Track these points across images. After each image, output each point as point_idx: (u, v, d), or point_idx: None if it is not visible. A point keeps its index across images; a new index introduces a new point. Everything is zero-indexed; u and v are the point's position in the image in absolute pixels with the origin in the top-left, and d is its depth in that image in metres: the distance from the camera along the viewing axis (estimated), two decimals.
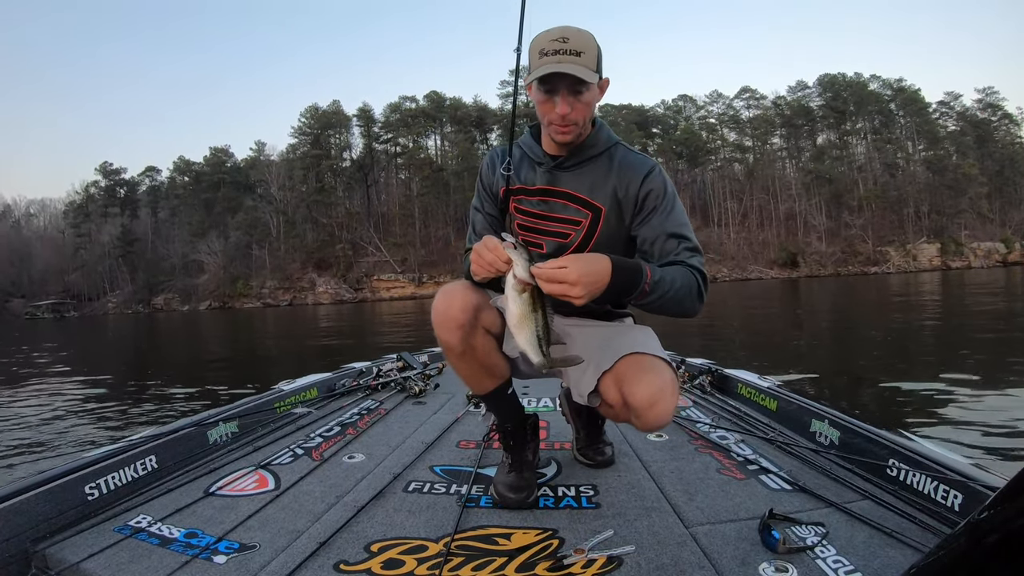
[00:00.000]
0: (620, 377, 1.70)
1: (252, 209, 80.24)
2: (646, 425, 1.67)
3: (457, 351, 1.81)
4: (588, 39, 1.65)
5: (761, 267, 73.65)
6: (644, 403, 1.62)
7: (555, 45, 1.62)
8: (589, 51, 1.64)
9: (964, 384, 5.80)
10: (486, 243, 1.58)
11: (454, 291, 1.80)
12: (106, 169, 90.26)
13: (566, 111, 1.67)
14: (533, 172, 1.87)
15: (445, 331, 1.79)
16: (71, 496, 1.84)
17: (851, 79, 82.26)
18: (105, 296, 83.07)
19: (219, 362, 12.68)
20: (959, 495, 1.67)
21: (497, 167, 1.94)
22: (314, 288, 74.31)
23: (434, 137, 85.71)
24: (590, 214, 1.82)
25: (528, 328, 1.57)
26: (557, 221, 1.86)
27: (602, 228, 1.82)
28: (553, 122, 1.71)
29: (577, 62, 1.61)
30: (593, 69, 1.64)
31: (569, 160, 1.82)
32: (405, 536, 1.72)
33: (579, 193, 1.82)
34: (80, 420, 6.08)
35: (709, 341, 10.96)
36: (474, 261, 1.60)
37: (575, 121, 1.71)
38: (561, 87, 1.65)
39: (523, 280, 1.52)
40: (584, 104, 1.69)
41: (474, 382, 1.92)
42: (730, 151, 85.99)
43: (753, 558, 1.52)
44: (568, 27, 1.65)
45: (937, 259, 71.08)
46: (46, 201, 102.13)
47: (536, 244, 1.90)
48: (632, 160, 1.82)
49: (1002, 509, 0.61)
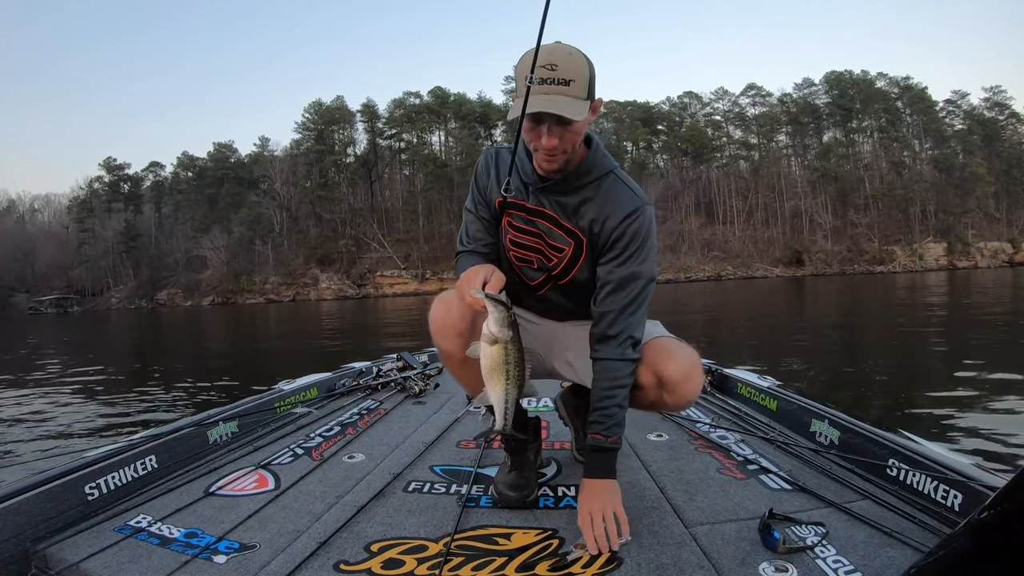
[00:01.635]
0: (649, 359, 1.76)
1: (255, 205, 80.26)
2: (678, 400, 1.77)
3: (458, 359, 1.81)
4: (579, 63, 1.57)
5: (766, 265, 73.42)
6: (680, 377, 1.73)
7: (543, 73, 1.53)
8: (580, 78, 1.56)
9: (965, 385, 5.79)
10: (468, 282, 1.58)
11: (451, 299, 1.79)
12: (110, 164, 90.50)
13: (553, 144, 1.60)
14: (524, 189, 1.82)
15: (444, 339, 1.80)
16: (71, 496, 1.84)
17: (858, 77, 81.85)
18: (108, 291, 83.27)
19: (221, 358, 12.72)
20: (959, 495, 1.67)
21: (491, 171, 1.89)
22: (317, 284, 74.38)
23: (438, 133, 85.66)
24: (572, 243, 1.79)
25: (498, 385, 1.59)
26: (544, 244, 1.84)
27: (584, 258, 1.80)
28: (539, 150, 1.65)
29: (566, 93, 1.54)
30: (584, 97, 1.58)
31: (560, 184, 1.76)
32: (405, 536, 1.72)
33: (563, 220, 1.78)
34: (80, 419, 6.09)
35: (711, 341, 10.95)
36: (457, 289, 1.64)
37: (563, 150, 1.64)
38: (548, 120, 1.57)
39: (490, 335, 1.53)
40: (573, 133, 1.62)
41: (476, 388, 1.86)
42: (736, 148, 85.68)
43: (753, 558, 1.52)
44: (558, 49, 1.57)
45: (944, 258, 70.80)
46: (50, 196, 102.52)
47: (527, 260, 1.89)
48: (620, 195, 1.76)
49: (1002, 509, 0.61)
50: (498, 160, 1.89)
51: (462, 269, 1.81)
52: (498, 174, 1.87)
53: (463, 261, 1.89)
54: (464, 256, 1.91)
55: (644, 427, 2.67)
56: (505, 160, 1.86)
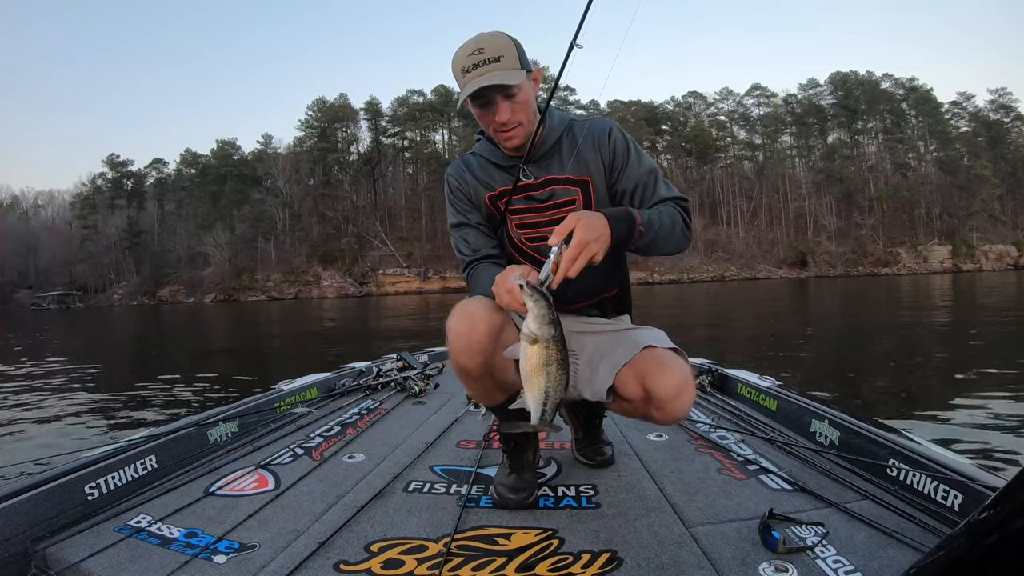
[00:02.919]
0: (641, 371, 1.70)
1: (258, 202, 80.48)
2: (667, 417, 1.69)
3: (475, 375, 1.73)
4: (503, 42, 1.68)
5: (770, 266, 73.29)
6: (669, 394, 1.64)
7: (473, 59, 1.64)
8: (508, 52, 1.66)
9: (965, 385, 5.79)
10: (505, 283, 1.54)
11: (475, 312, 1.69)
12: (113, 161, 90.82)
13: (505, 117, 1.70)
14: (507, 173, 1.88)
15: (466, 356, 1.69)
16: (71, 496, 1.84)
17: (863, 78, 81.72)
18: (111, 288, 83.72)
19: (222, 354, 12.73)
20: (959, 495, 1.67)
21: (467, 176, 1.93)
22: (319, 282, 74.43)
23: (442, 131, 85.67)
24: (579, 189, 1.85)
25: (537, 386, 1.52)
26: (552, 208, 1.87)
27: (596, 196, 1.85)
28: (497, 130, 1.74)
29: (498, 67, 1.64)
30: (517, 68, 1.67)
31: (538, 151, 1.84)
32: (405, 536, 1.72)
33: (561, 175, 1.85)
34: (80, 419, 6.08)
35: (713, 342, 10.94)
36: (495, 293, 1.59)
37: (517, 123, 1.73)
38: (494, 96, 1.68)
39: (530, 335, 1.48)
40: (521, 104, 1.71)
41: (485, 398, 1.87)
42: (740, 149, 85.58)
43: (753, 558, 1.51)
44: (480, 36, 1.68)
45: (948, 261, 70.57)
46: (54, 193, 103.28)
47: (541, 238, 1.89)
48: (591, 127, 1.87)
49: (1002, 509, 0.61)
50: (469, 164, 1.96)
51: (479, 277, 1.84)
52: (475, 175, 1.93)
53: (478, 269, 1.88)
54: (476, 264, 1.90)
55: (644, 427, 2.66)
56: (473, 162, 1.95)
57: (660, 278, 64.46)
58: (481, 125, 1.81)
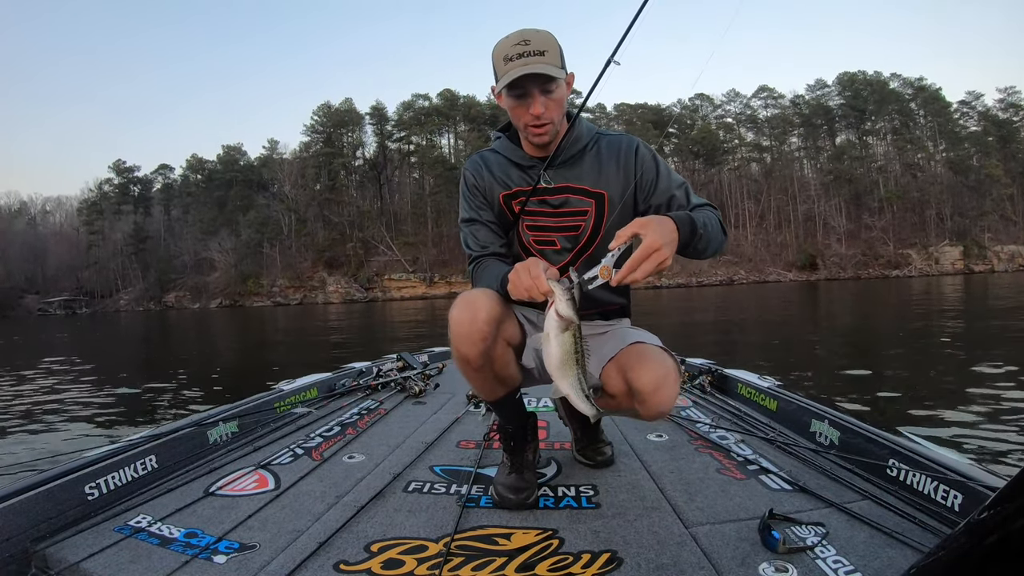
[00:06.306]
0: (623, 364, 1.71)
1: (264, 207, 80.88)
2: (649, 411, 1.68)
3: (476, 365, 1.74)
4: (549, 38, 1.69)
5: (779, 269, 72.81)
6: (649, 387, 1.63)
7: (518, 49, 1.65)
8: (552, 50, 1.68)
9: (967, 385, 5.76)
10: (529, 267, 1.55)
11: (477, 301, 1.71)
12: (119, 167, 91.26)
13: (540, 111, 1.71)
14: (525, 174, 1.89)
15: (468, 344, 1.70)
16: (71, 496, 1.84)
17: (871, 78, 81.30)
18: (117, 293, 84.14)
19: (224, 359, 12.76)
20: (959, 495, 1.66)
21: (484, 172, 1.94)
22: (324, 287, 74.70)
23: (447, 135, 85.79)
24: (593, 201, 1.86)
25: (571, 373, 1.54)
26: (564, 215, 1.88)
27: (608, 211, 1.86)
28: (528, 124, 1.75)
29: (542, 61, 1.65)
30: (558, 66, 1.68)
31: (561, 156, 1.84)
32: (405, 536, 1.72)
33: (579, 184, 1.85)
34: (80, 419, 6.10)
35: (716, 344, 10.92)
36: (512, 280, 1.59)
37: (550, 120, 1.74)
38: (532, 88, 1.69)
39: (566, 317, 1.49)
40: (555, 102, 1.73)
41: (485, 391, 1.88)
42: (747, 151, 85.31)
43: (753, 558, 1.51)
44: (526, 30, 1.69)
45: (960, 262, 69.96)
46: (62, 198, 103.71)
47: (548, 241, 1.91)
48: (619, 142, 1.89)
49: (1002, 509, 0.61)
50: (487, 161, 1.95)
51: (484, 271, 1.85)
52: (492, 172, 1.92)
53: (483, 265, 1.89)
54: (482, 260, 1.91)
55: (644, 427, 2.66)
56: (492, 159, 1.94)
57: (668, 282, 64.15)
58: (512, 118, 1.81)
